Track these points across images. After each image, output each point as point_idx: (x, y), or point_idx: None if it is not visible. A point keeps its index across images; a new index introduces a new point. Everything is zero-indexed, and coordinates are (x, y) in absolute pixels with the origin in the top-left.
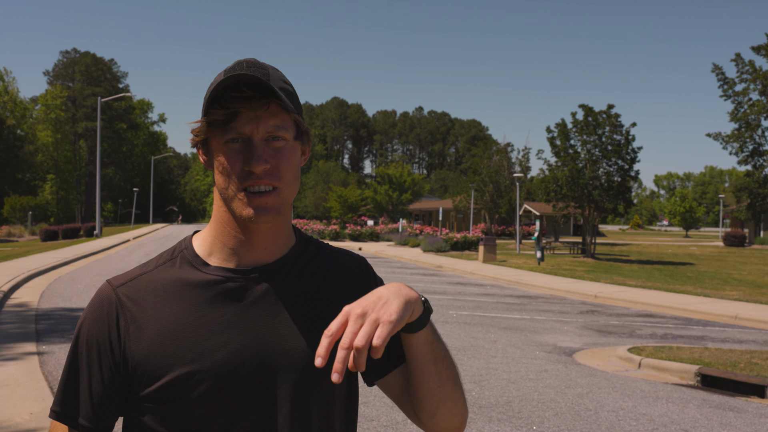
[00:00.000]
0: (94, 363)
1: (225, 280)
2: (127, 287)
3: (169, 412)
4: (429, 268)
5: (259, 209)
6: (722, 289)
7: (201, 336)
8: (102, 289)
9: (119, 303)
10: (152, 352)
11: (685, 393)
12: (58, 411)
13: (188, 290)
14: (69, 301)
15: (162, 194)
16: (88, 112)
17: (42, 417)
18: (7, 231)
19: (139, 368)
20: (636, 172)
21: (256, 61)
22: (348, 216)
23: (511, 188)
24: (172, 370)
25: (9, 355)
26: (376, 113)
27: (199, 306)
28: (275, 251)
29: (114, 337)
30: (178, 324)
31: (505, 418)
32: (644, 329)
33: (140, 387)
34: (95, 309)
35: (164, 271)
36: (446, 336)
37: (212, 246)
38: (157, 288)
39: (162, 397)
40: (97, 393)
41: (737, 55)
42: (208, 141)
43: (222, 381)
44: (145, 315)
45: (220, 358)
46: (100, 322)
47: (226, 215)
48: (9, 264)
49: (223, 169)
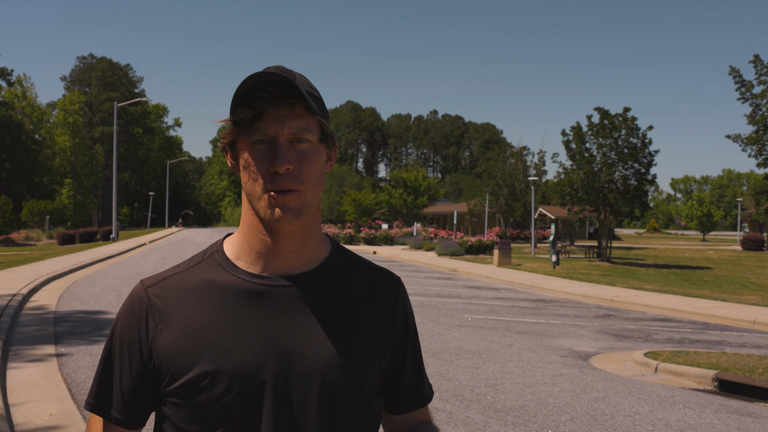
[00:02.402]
0: (125, 359)
1: (252, 284)
2: (157, 287)
3: (189, 410)
4: (444, 272)
5: (281, 209)
6: (740, 293)
7: (224, 337)
8: (135, 289)
9: (149, 302)
10: (176, 350)
11: (703, 398)
12: (92, 403)
13: (215, 292)
14: (86, 304)
15: (177, 198)
16: (105, 116)
17: (61, 418)
18: (25, 235)
19: (164, 365)
20: (653, 176)
21: (284, 67)
22: (362, 220)
23: (526, 192)
24: (193, 369)
25: (29, 357)
26: (390, 117)
27: (225, 308)
28: (303, 256)
29: (143, 335)
30: (202, 324)
31: (521, 422)
32: (661, 334)
33: (165, 384)
34: (128, 307)
35: (194, 272)
36: (461, 340)
37: (240, 249)
38: (185, 289)
39: (183, 395)
40: (127, 387)
41: (756, 56)
42: (235, 144)
43: (241, 383)
44: (172, 314)
45: (242, 360)
46: (131, 320)
47: (253, 219)
48: (27, 267)
49: (249, 170)
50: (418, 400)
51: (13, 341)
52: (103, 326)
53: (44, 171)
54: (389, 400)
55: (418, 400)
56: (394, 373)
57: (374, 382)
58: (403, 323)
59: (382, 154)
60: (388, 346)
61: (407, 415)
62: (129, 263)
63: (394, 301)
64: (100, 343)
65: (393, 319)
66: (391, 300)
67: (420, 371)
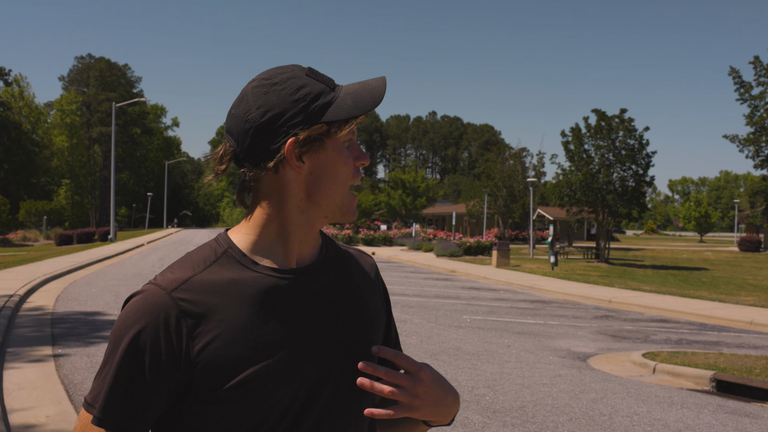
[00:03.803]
0: (147, 372)
1: (278, 278)
2: (182, 291)
3: (231, 412)
4: (442, 273)
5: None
6: (737, 294)
7: (263, 334)
8: (152, 295)
9: (177, 307)
10: (219, 354)
11: (700, 398)
12: (100, 417)
13: (243, 289)
14: (84, 305)
15: (176, 199)
16: (103, 117)
17: (58, 420)
18: (22, 235)
19: (205, 372)
20: (651, 178)
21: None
22: (361, 220)
23: (525, 193)
24: (241, 371)
25: (26, 359)
26: (389, 118)
27: (258, 304)
28: (311, 250)
29: (174, 344)
30: (240, 323)
31: (519, 422)
32: (659, 334)
33: (200, 393)
34: (148, 315)
35: (215, 271)
36: (460, 341)
37: (255, 246)
38: (212, 289)
39: (227, 398)
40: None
41: (755, 57)
42: (311, 143)
43: (288, 379)
44: (208, 317)
45: (285, 356)
46: (156, 329)
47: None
48: (24, 268)
49: (342, 167)
50: None
51: (10, 342)
52: (100, 327)
53: (42, 171)
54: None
55: None
56: (385, 340)
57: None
58: (384, 293)
59: (381, 155)
60: (383, 316)
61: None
62: (127, 264)
63: (377, 275)
64: (98, 344)
65: (382, 292)
66: (376, 274)
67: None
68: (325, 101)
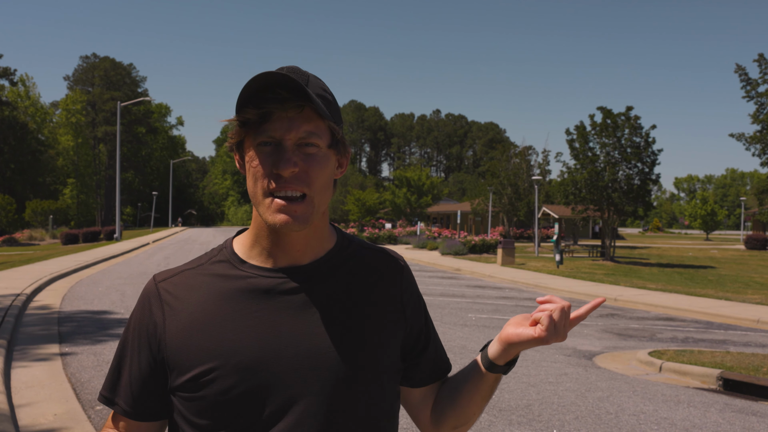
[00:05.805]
0: (136, 351)
1: (257, 277)
2: (168, 282)
3: (197, 404)
4: (447, 271)
5: (287, 217)
6: (744, 292)
7: (231, 331)
8: (147, 284)
9: (159, 296)
10: (183, 345)
11: (707, 397)
12: (106, 395)
13: (223, 287)
14: (90, 303)
15: (181, 198)
16: (108, 116)
17: (66, 418)
18: (28, 235)
19: (172, 359)
20: (656, 176)
21: (298, 68)
22: (366, 219)
23: (530, 191)
24: (199, 364)
25: (33, 357)
26: (394, 116)
27: (232, 302)
28: (311, 253)
29: (152, 329)
30: (209, 318)
31: (525, 421)
32: (665, 333)
33: (172, 378)
34: (140, 302)
35: (204, 269)
36: (465, 339)
37: (250, 247)
38: (194, 284)
39: (191, 389)
40: (136, 379)
41: (760, 55)
42: (242, 144)
43: (248, 377)
44: (180, 309)
45: (249, 355)
46: (142, 313)
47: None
48: (31, 267)
49: (253, 172)
50: (441, 371)
51: (18, 341)
52: (107, 326)
53: (47, 171)
54: (413, 375)
55: (441, 370)
56: (420, 349)
57: (387, 366)
58: (415, 302)
59: (386, 153)
60: (400, 328)
61: (430, 386)
62: (133, 263)
63: (399, 283)
64: (105, 343)
65: (402, 300)
66: (397, 282)
67: (438, 344)
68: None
